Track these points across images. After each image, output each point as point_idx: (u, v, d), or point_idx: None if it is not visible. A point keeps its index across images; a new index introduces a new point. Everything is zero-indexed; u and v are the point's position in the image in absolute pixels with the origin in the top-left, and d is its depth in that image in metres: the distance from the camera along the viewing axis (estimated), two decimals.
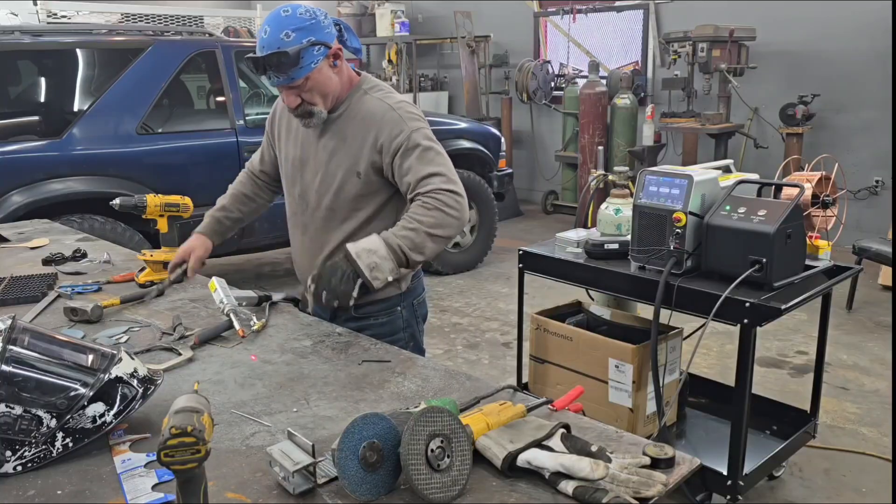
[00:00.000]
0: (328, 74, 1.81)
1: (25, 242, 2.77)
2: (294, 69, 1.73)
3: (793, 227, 2.24)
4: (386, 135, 1.81)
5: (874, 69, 5.90)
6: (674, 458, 1.18)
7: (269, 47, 1.72)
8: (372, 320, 1.97)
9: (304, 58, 1.73)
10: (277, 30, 1.71)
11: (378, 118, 1.83)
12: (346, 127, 1.88)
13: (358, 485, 1.10)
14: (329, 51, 1.78)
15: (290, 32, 1.71)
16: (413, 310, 2.05)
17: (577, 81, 7.52)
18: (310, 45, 1.73)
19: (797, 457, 2.90)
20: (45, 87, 4.32)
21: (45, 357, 1.28)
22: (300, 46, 1.72)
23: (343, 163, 1.88)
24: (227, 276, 2.18)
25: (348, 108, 1.88)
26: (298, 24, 1.72)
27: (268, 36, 1.72)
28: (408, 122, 1.82)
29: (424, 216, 1.74)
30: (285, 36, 1.71)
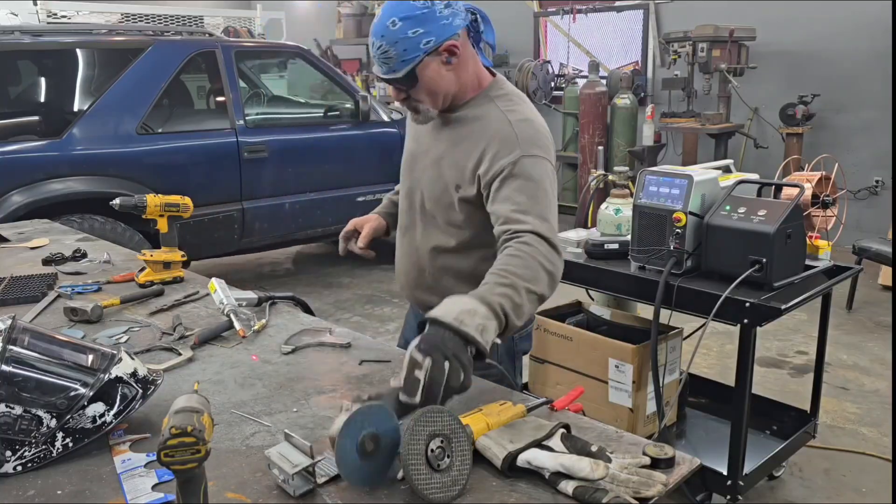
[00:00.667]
0: (438, 72, 1.60)
1: (25, 242, 2.77)
2: (395, 62, 1.56)
3: (793, 227, 2.24)
4: (492, 153, 1.59)
5: (874, 69, 5.90)
6: (674, 458, 1.18)
7: (374, 34, 1.57)
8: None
9: (407, 50, 1.54)
10: (386, 16, 1.54)
11: (491, 132, 1.61)
12: (461, 132, 1.68)
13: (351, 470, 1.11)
14: (441, 45, 1.57)
15: (398, 21, 1.53)
16: (512, 344, 1.82)
17: (577, 81, 7.52)
18: (415, 37, 1.54)
19: (797, 457, 2.90)
20: (45, 87, 4.33)
21: (45, 357, 1.28)
22: (404, 37, 1.54)
23: (447, 170, 1.69)
24: (227, 276, 2.18)
25: (469, 112, 1.68)
26: (408, 11, 1.53)
27: (377, 22, 1.56)
28: (523, 144, 1.58)
29: (520, 268, 1.43)
30: (391, 24, 1.53)
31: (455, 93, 1.67)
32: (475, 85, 1.70)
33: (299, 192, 4.85)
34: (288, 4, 10.38)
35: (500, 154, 1.58)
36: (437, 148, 1.73)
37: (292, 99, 5.90)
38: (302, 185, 4.85)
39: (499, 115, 1.64)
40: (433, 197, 1.73)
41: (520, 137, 1.59)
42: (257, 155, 4.63)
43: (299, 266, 6.13)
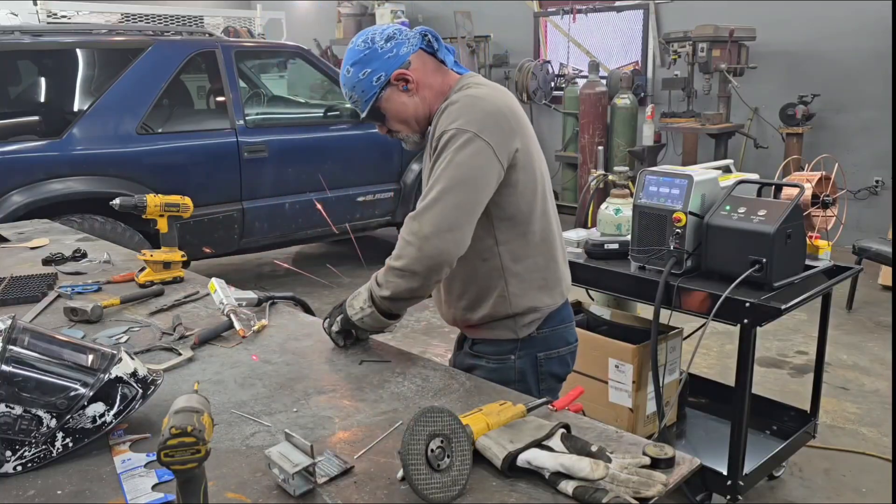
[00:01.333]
0: (399, 100, 1.67)
1: (25, 242, 2.77)
2: (360, 104, 1.68)
3: (793, 227, 2.24)
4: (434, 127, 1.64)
5: (874, 69, 5.90)
6: (674, 458, 1.18)
7: (342, 84, 1.69)
8: (484, 361, 1.76)
9: (365, 91, 1.65)
10: (343, 66, 1.67)
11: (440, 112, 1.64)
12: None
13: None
14: (391, 77, 1.64)
15: (350, 68, 1.65)
16: (535, 363, 1.75)
17: (577, 81, 7.52)
18: (366, 77, 1.64)
19: (797, 457, 2.90)
20: (45, 87, 4.33)
21: (45, 357, 1.28)
22: (358, 81, 1.65)
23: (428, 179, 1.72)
24: (227, 276, 2.18)
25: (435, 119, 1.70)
26: (354, 57, 1.65)
27: (341, 74, 1.69)
28: (458, 117, 1.56)
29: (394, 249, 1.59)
30: (346, 72, 1.66)
31: (426, 113, 1.70)
32: (442, 97, 1.69)
33: (299, 192, 4.85)
34: (288, 4, 10.38)
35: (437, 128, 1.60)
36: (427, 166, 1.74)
37: (292, 99, 5.91)
38: (302, 185, 4.85)
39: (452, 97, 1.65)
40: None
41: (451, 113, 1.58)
42: (257, 155, 4.63)
43: (299, 266, 6.12)
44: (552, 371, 1.79)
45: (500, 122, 1.58)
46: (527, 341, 1.73)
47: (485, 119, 1.56)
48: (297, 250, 6.37)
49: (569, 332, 1.82)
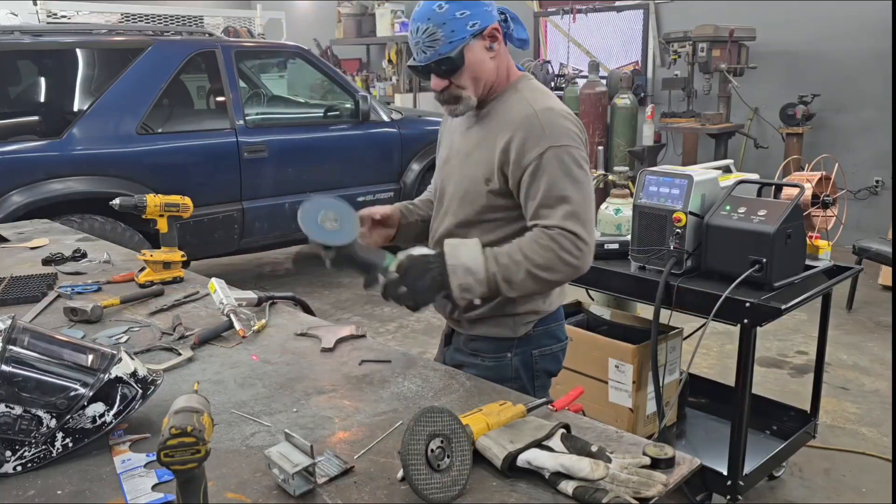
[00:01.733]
0: (481, 56, 1.61)
1: (25, 242, 2.77)
2: (442, 43, 1.56)
3: (793, 227, 2.24)
4: (518, 144, 1.58)
5: (874, 69, 5.91)
6: (674, 458, 1.18)
7: (418, 19, 1.57)
8: (479, 359, 1.76)
9: (456, 31, 1.56)
10: (434, 2, 1.56)
11: (516, 122, 1.60)
12: (488, 127, 1.67)
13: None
14: (485, 29, 1.60)
15: (444, 3, 1.55)
16: (531, 360, 1.77)
17: (577, 81, 7.51)
18: (462, 18, 1.56)
19: (797, 457, 2.90)
20: (45, 87, 4.33)
21: (45, 357, 1.28)
22: (452, 18, 1.55)
23: (475, 166, 1.67)
24: (227, 276, 2.18)
25: (497, 106, 1.68)
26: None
27: (420, 7, 1.57)
28: (549, 134, 1.56)
29: (535, 253, 1.52)
30: (438, 7, 1.55)
31: (493, 81, 1.66)
32: (506, 79, 1.69)
33: (299, 192, 4.85)
34: (288, 4, 10.38)
35: (527, 146, 1.57)
36: (466, 145, 1.72)
37: (292, 99, 5.90)
38: (302, 185, 4.85)
39: (523, 105, 1.62)
40: (459, 193, 1.71)
41: (545, 128, 1.57)
42: (257, 155, 4.63)
43: (299, 266, 6.13)
44: (546, 368, 1.81)
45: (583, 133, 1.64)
46: (523, 339, 1.75)
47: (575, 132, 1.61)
48: (297, 250, 6.36)
49: (560, 331, 1.83)
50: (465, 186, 1.70)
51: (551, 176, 1.54)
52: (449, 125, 1.84)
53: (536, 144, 1.56)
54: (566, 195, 1.54)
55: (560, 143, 1.56)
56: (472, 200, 1.68)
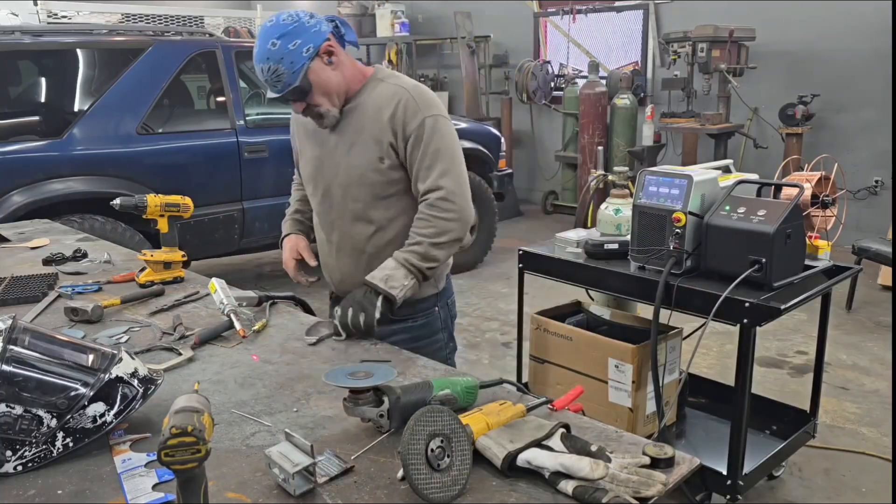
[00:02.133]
0: (325, 73, 1.80)
1: (26, 242, 2.77)
2: (287, 76, 1.74)
3: (792, 227, 2.24)
4: (400, 116, 1.81)
5: (874, 69, 5.91)
6: (673, 457, 1.19)
7: (259, 61, 1.75)
8: (410, 322, 1.96)
9: (294, 61, 1.74)
10: (264, 41, 1.73)
11: (393, 101, 1.82)
12: (363, 115, 1.86)
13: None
14: (320, 48, 1.77)
15: (276, 41, 1.72)
16: (448, 309, 2.06)
17: (577, 81, 7.52)
18: (295, 48, 1.73)
19: (797, 457, 2.91)
20: (45, 88, 4.33)
21: (45, 357, 1.28)
22: (287, 52, 1.72)
23: (364, 152, 1.86)
24: (227, 276, 2.19)
25: (363, 98, 1.87)
26: (282, 30, 1.73)
27: (258, 50, 1.75)
28: (423, 107, 1.82)
29: (425, 228, 1.81)
30: (272, 45, 1.72)
31: (345, 88, 1.86)
32: (359, 78, 1.89)
33: None
34: (288, 4, 10.38)
35: (407, 118, 1.80)
36: (343, 140, 1.89)
37: None
38: None
39: (393, 88, 1.85)
40: (352, 180, 1.89)
41: (418, 101, 1.82)
42: (257, 155, 4.63)
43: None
44: (454, 313, 2.11)
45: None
46: (443, 292, 2.02)
47: (439, 102, 1.87)
48: None
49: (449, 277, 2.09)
50: (358, 172, 1.88)
51: (427, 143, 1.80)
52: (305, 129, 2.00)
53: (414, 116, 1.80)
54: (437, 166, 1.80)
55: (432, 113, 1.82)
56: (370, 182, 1.87)
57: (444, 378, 1.41)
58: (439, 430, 1.12)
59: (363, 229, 1.93)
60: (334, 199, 1.95)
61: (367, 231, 1.92)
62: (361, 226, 1.93)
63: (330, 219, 1.99)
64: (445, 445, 1.12)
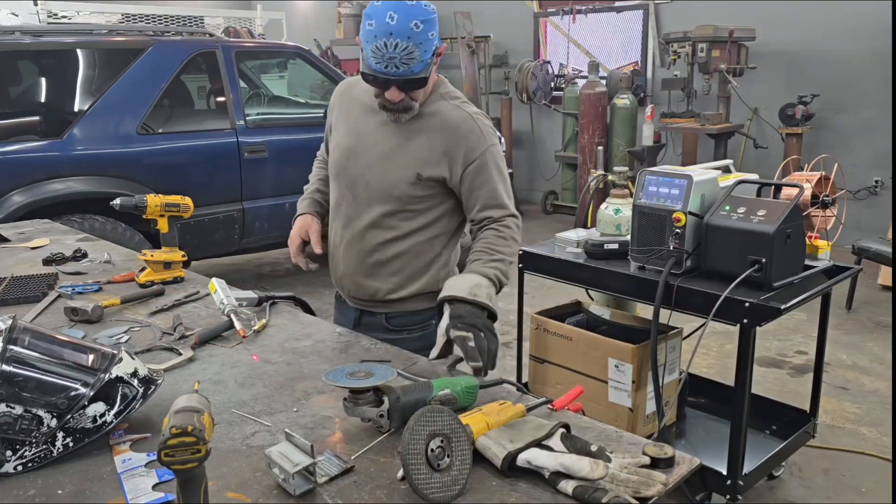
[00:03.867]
0: (433, 72, 1.75)
1: (26, 242, 2.77)
2: (416, 62, 1.63)
3: (792, 227, 2.24)
4: (463, 147, 1.78)
5: (874, 69, 5.91)
6: (673, 457, 1.19)
7: (398, 35, 1.59)
8: (406, 334, 1.90)
9: (428, 51, 1.64)
10: (406, 18, 1.59)
11: (457, 127, 1.79)
12: (419, 126, 1.80)
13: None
14: (441, 48, 1.70)
15: (420, 23, 1.60)
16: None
17: (577, 82, 7.52)
18: (432, 39, 1.65)
19: (797, 457, 2.91)
20: (45, 88, 4.33)
21: (45, 357, 1.28)
22: (426, 39, 1.62)
23: (406, 164, 1.80)
24: (227, 276, 2.18)
25: (425, 111, 1.80)
26: (426, 15, 1.62)
27: (396, 23, 1.59)
28: (487, 137, 1.81)
29: (504, 247, 1.79)
30: (415, 26, 1.60)
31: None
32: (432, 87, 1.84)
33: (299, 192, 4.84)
34: (288, 4, 10.38)
35: (471, 146, 1.79)
36: (386, 143, 1.83)
37: (292, 99, 5.90)
38: (302, 185, 4.84)
39: (458, 112, 1.82)
40: (383, 188, 1.83)
41: (482, 130, 1.81)
42: (257, 155, 4.63)
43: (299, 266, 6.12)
44: None
45: None
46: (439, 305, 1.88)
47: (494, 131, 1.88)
48: None
49: None
50: (390, 181, 1.82)
51: (492, 171, 1.81)
52: (348, 105, 1.93)
53: (478, 145, 1.79)
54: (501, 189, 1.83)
55: (493, 143, 1.82)
56: (400, 194, 1.83)
57: (444, 378, 1.41)
58: (439, 430, 1.12)
59: (379, 235, 1.86)
60: (357, 196, 1.88)
61: (382, 237, 1.86)
62: (378, 231, 1.86)
63: (347, 213, 1.91)
64: (445, 445, 1.12)
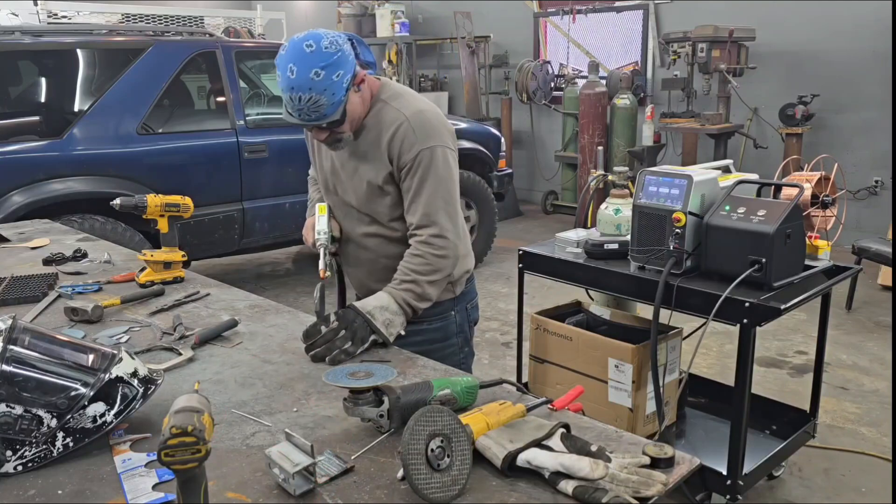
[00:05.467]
0: (355, 101, 1.75)
1: (26, 242, 2.77)
2: (326, 107, 1.66)
3: (792, 227, 2.24)
4: (396, 146, 1.77)
5: (874, 69, 5.91)
6: (673, 457, 1.19)
7: (299, 89, 1.62)
8: (426, 325, 1.92)
9: (336, 93, 1.65)
10: (305, 69, 1.61)
11: (391, 128, 1.78)
12: (366, 139, 1.83)
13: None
14: (355, 78, 1.71)
15: (320, 70, 1.61)
16: (466, 314, 2.03)
17: (577, 82, 7.52)
18: (339, 80, 1.65)
19: (797, 457, 2.91)
20: (45, 88, 4.33)
21: (45, 357, 1.28)
22: (330, 83, 1.63)
23: (366, 177, 1.85)
24: (228, 277, 2.18)
25: (368, 120, 1.83)
26: (326, 59, 1.62)
27: (296, 76, 1.61)
28: (420, 137, 1.76)
29: (419, 266, 1.79)
30: (315, 75, 1.61)
31: (365, 112, 1.82)
32: (370, 98, 1.83)
33: (299, 192, 4.85)
34: (288, 4, 10.39)
35: (403, 148, 1.76)
36: (352, 160, 1.88)
37: None
38: (302, 185, 4.84)
39: (394, 113, 1.79)
40: (363, 202, 1.89)
41: (417, 131, 1.76)
42: (257, 155, 4.63)
43: (299, 266, 6.13)
44: (474, 317, 2.09)
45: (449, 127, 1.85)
46: (460, 297, 1.99)
47: (443, 129, 1.81)
48: (297, 250, 6.37)
49: (474, 281, 2.09)
50: (363, 197, 1.88)
51: (422, 177, 1.77)
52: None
53: (411, 147, 1.76)
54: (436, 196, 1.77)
55: (429, 145, 1.76)
56: (377, 207, 1.88)
57: (444, 378, 1.41)
58: (439, 430, 1.12)
59: (377, 241, 1.93)
60: (348, 213, 1.95)
61: (380, 242, 1.93)
62: (375, 239, 1.93)
63: (346, 228, 1.99)
64: (445, 445, 1.12)
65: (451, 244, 1.81)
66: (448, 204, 1.81)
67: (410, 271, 1.79)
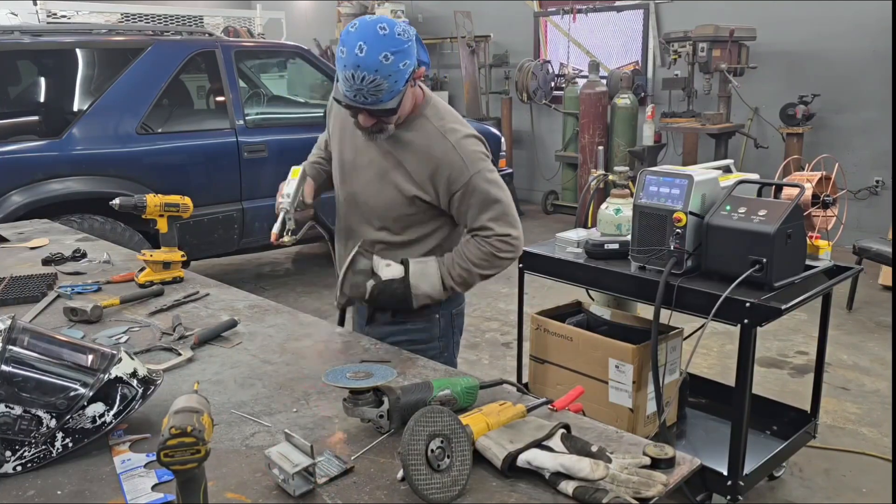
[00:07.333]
0: (408, 95, 1.72)
1: (25, 242, 2.77)
2: (385, 93, 1.61)
3: (793, 227, 2.24)
4: (445, 177, 1.77)
5: (874, 69, 5.91)
6: (674, 458, 1.18)
7: (366, 68, 1.57)
8: (409, 325, 1.93)
9: (398, 81, 1.62)
10: (376, 50, 1.57)
11: (439, 157, 1.77)
12: (406, 150, 1.80)
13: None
14: (416, 72, 1.68)
15: (390, 55, 1.58)
16: (451, 319, 2.01)
17: (577, 81, 7.52)
18: (404, 69, 1.62)
19: (797, 457, 2.90)
20: (44, 87, 4.33)
21: (44, 357, 1.28)
22: (396, 70, 1.60)
23: (396, 183, 1.82)
24: (227, 277, 2.18)
25: (411, 129, 1.80)
26: (398, 46, 1.59)
27: (365, 55, 1.56)
28: (469, 164, 1.77)
29: (479, 259, 1.81)
30: (384, 58, 1.57)
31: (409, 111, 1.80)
32: (414, 101, 1.81)
33: None
34: (288, 4, 10.38)
35: (453, 177, 1.77)
36: (380, 162, 1.84)
37: (292, 99, 5.90)
38: None
39: (440, 141, 1.79)
40: (381, 206, 1.87)
41: (464, 158, 1.78)
42: (257, 155, 4.63)
43: (299, 266, 6.13)
44: (459, 324, 2.07)
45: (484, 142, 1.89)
46: (446, 302, 1.95)
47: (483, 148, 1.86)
48: (297, 250, 6.37)
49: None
50: (385, 201, 1.86)
51: (478, 198, 1.79)
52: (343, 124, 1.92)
53: (461, 175, 1.77)
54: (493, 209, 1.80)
55: (479, 169, 1.79)
56: (396, 214, 1.86)
57: (444, 378, 1.41)
58: (439, 430, 1.12)
59: (380, 246, 1.91)
60: (358, 209, 1.92)
61: (383, 248, 1.91)
62: (379, 244, 1.91)
63: (351, 226, 1.96)
64: (445, 446, 1.12)
65: (516, 250, 1.84)
66: (510, 211, 1.84)
67: (468, 258, 1.82)
